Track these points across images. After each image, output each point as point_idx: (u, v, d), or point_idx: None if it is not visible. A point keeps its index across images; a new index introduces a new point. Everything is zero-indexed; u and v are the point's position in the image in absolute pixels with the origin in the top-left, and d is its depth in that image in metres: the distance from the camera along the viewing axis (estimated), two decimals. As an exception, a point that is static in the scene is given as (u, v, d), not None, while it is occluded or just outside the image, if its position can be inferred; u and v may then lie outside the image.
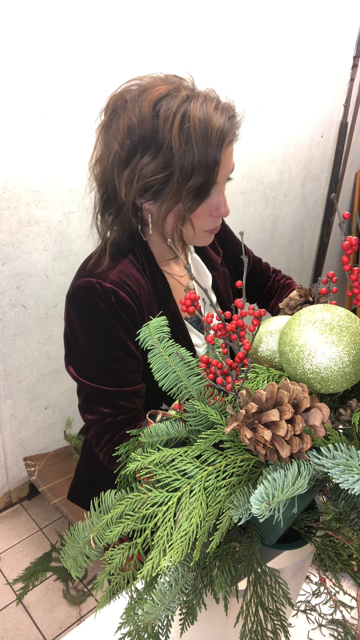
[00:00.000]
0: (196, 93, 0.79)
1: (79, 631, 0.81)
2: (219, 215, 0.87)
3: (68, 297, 0.87)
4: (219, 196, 0.85)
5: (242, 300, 0.54)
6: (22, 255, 1.73)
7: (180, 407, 0.54)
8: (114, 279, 0.84)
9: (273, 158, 2.59)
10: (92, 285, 0.83)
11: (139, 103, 0.77)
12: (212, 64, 2.03)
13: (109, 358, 0.86)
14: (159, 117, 0.76)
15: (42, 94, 1.57)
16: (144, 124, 0.76)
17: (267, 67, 2.28)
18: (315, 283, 0.67)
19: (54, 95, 1.59)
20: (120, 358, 0.86)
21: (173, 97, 0.76)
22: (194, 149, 0.76)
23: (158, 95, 0.76)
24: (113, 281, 0.84)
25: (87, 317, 0.85)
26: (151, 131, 0.76)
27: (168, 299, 0.93)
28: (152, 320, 0.57)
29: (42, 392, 2.01)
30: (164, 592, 0.46)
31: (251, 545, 0.52)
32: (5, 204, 1.62)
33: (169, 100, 0.76)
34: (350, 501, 0.52)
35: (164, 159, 0.77)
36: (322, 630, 0.80)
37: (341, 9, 2.54)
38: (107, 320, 0.84)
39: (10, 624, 1.68)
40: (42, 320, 1.89)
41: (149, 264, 0.91)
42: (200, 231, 0.89)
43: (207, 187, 0.81)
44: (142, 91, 0.78)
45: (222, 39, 2.02)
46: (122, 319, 0.84)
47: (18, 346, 1.85)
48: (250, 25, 2.11)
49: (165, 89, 0.77)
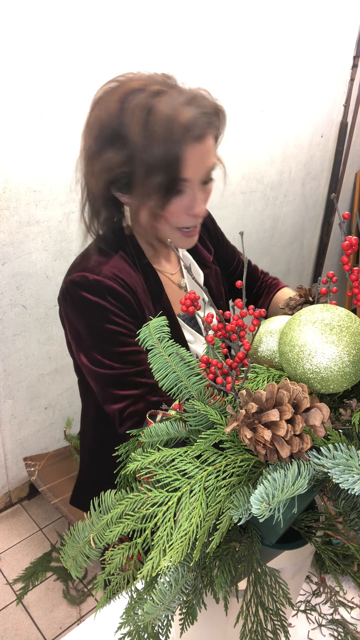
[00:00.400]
0: (170, 88, 0.78)
1: (79, 631, 0.81)
2: (194, 214, 0.85)
3: (62, 293, 0.88)
4: (194, 194, 0.83)
5: (242, 300, 0.54)
6: (22, 255, 1.73)
7: (180, 407, 0.54)
8: (107, 273, 0.85)
9: (273, 158, 2.59)
10: (84, 278, 0.85)
11: (110, 98, 0.78)
12: (212, 64, 2.03)
13: (114, 344, 0.86)
14: (126, 111, 0.77)
15: (42, 94, 1.57)
16: (112, 117, 0.78)
17: (267, 67, 2.28)
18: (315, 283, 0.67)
19: (54, 95, 1.59)
20: (125, 342, 0.86)
21: (142, 92, 0.77)
22: (156, 143, 0.76)
23: (128, 90, 0.77)
24: (106, 275, 0.85)
25: (84, 310, 0.85)
26: (118, 124, 0.77)
27: (161, 294, 0.94)
28: (152, 320, 0.57)
29: (42, 392, 2.01)
30: (164, 592, 0.46)
31: (251, 545, 0.52)
32: (5, 204, 1.62)
33: (137, 94, 0.77)
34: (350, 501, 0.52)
35: (128, 152, 0.78)
36: (322, 630, 0.80)
37: (341, 9, 2.54)
38: (103, 309, 0.84)
39: (10, 624, 1.68)
40: (42, 320, 1.89)
41: (139, 259, 0.92)
42: (175, 229, 0.88)
43: (173, 183, 0.80)
44: (117, 87, 0.79)
45: (223, 39, 2.02)
46: (118, 307, 0.85)
47: (18, 346, 1.85)
48: (251, 25, 2.10)
49: (138, 84, 0.78)
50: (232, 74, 2.13)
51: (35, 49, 1.51)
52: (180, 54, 1.89)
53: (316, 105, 2.69)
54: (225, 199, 2.40)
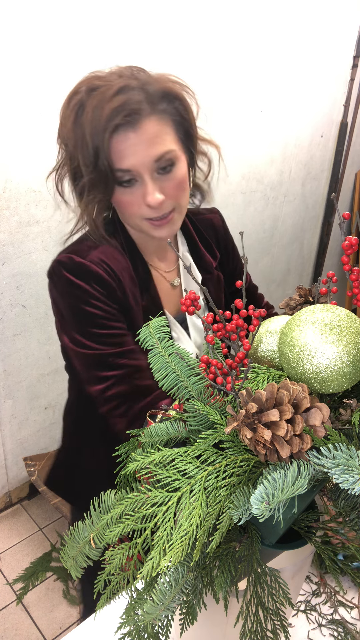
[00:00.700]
0: (108, 82, 0.78)
1: (79, 631, 0.81)
2: (147, 204, 0.83)
3: (49, 272, 0.90)
4: (144, 184, 0.81)
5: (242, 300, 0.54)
6: (22, 255, 1.73)
7: (180, 407, 0.54)
8: (93, 257, 0.87)
9: (273, 158, 2.59)
10: (70, 259, 0.87)
11: (65, 100, 0.81)
12: (212, 64, 2.03)
13: (94, 326, 0.87)
14: (66, 112, 0.80)
15: (42, 94, 1.57)
16: (63, 117, 0.81)
17: (267, 67, 2.28)
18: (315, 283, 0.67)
19: (54, 95, 1.59)
20: (105, 325, 0.87)
21: (80, 92, 0.79)
22: (85, 137, 0.77)
23: (73, 91, 0.80)
24: (92, 260, 0.87)
25: (66, 291, 0.87)
26: (62, 126, 0.81)
27: (149, 283, 0.94)
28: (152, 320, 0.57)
29: (42, 392, 2.01)
30: (164, 592, 0.46)
31: (251, 545, 0.52)
32: (5, 204, 1.62)
33: (78, 95, 0.79)
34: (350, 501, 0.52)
35: (67, 151, 0.82)
36: (322, 630, 0.80)
37: (341, 9, 2.54)
38: (84, 292, 0.86)
39: (10, 624, 1.68)
40: (42, 320, 1.89)
41: (130, 249, 0.93)
42: (143, 220, 0.86)
43: (110, 175, 0.80)
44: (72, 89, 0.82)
45: (222, 40, 2.02)
46: (99, 292, 0.86)
47: (18, 346, 1.85)
48: (251, 25, 2.10)
49: (85, 82, 0.80)
50: (232, 73, 2.13)
51: (35, 49, 1.51)
52: (180, 54, 1.89)
53: (316, 105, 2.69)
54: (225, 199, 2.40)
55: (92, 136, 0.77)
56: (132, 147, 0.78)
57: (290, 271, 3.22)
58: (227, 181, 2.34)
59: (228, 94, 2.12)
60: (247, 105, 2.25)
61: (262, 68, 2.25)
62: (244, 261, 0.53)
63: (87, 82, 0.79)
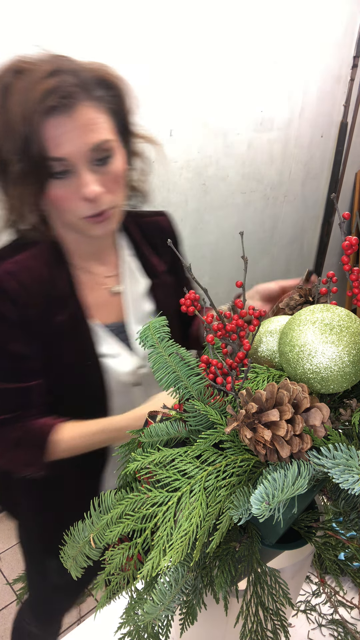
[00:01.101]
0: (37, 65, 0.73)
1: (79, 631, 0.81)
2: (83, 197, 0.76)
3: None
4: (79, 175, 0.75)
5: (242, 300, 0.54)
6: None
7: (180, 407, 0.54)
8: (3, 268, 0.80)
9: (273, 158, 2.59)
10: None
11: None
12: (211, 65, 2.03)
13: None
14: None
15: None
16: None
17: (267, 67, 2.28)
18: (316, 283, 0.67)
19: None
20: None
21: (5, 76, 0.72)
22: (12, 122, 0.70)
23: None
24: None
25: None
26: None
27: (68, 298, 0.85)
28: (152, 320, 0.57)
29: None
30: (164, 592, 0.46)
31: (251, 545, 0.52)
32: (5, 204, 1.62)
33: (2, 78, 0.72)
34: (350, 501, 0.52)
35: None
36: (322, 630, 0.80)
37: (341, 9, 2.54)
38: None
39: (10, 624, 1.68)
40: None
41: (56, 257, 0.85)
42: (79, 219, 0.80)
43: (42, 164, 0.72)
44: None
45: (221, 40, 2.02)
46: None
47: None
48: (251, 25, 2.10)
49: (10, 65, 0.74)
50: (231, 74, 2.13)
51: (35, 49, 1.51)
52: (180, 54, 1.89)
53: (316, 105, 2.70)
54: (225, 199, 2.40)
55: (22, 120, 0.70)
56: (66, 133, 0.72)
57: (290, 271, 3.22)
58: (227, 181, 2.34)
59: (228, 94, 2.12)
60: (247, 105, 2.25)
61: (262, 68, 2.25)
62: (244, 261, 0.53)
63: (12, 65, 0.73)
